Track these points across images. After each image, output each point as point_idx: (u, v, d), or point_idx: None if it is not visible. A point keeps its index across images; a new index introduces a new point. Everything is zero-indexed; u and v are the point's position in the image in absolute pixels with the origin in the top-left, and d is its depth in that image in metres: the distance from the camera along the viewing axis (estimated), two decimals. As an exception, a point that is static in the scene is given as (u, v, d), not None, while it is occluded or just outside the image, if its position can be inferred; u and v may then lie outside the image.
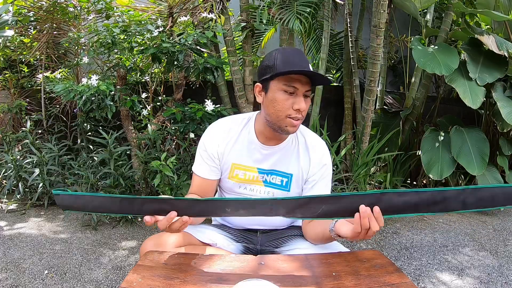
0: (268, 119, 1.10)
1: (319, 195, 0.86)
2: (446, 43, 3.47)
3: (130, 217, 2.63)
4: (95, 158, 2.93)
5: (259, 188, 1.17)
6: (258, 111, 1.20)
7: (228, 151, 1.17)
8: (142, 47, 2.62)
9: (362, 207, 0.80)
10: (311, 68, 1.04)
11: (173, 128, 2.85)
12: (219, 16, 2.92)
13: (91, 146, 3.23)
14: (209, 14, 2.75)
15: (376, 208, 0.80)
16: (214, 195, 1.27)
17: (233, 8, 3.42)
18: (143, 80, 3.33)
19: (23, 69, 3.68)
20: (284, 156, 1.17)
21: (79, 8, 3.09)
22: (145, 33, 2.58)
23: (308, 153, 1.17)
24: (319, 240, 1.08)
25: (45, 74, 3.38)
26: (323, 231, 1.01)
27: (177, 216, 0.86)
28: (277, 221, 1.23)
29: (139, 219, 2.72)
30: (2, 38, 3.07)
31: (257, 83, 1.11)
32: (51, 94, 3.24)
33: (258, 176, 1.16)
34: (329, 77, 4.73)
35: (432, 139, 3.37)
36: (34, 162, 2.89)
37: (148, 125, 2.91)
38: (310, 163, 1.16)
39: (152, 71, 3.23)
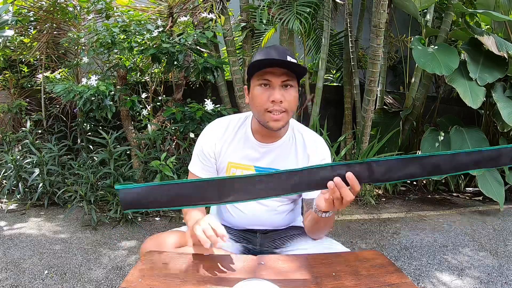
0: (256, 117, 1.12)
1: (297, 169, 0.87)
2: (446, 43, 3.47)
3: (130, 217, 2.63)
4: (95, 158, 2.93)
5: None
6: None
7: (225, 150, 1.17)
8: (142, 47, 2.62)
9: (330, 183, 0.83)
10: (289, 59, 1.01)
11: (173, 128, 2.85)
12: (219, 16, 2.92)
13: (91, 146, 3.23)
14: (209, 14, 2.76)
15: (349, 174, 0.81)
16: None
17: (233, 8, 3.42)
18: (143, 80, 3.33)
19: (23, 69, 3.67)
20: (282, 154, 1.16)
21: (79, 8, 3.09)
22: (145, 33, 2.58)
23: (306, 150, 1.17)
24: (315, 228, 1.09)
25: (45, 74, 3.38)
26: (312, 216, 1.03)
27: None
28: (277, 222, 1.23)
29: (139, 219, 2.72)
30: (2, 38, 3.07)
31: (245, 85, 1.14)
32: (51, 94, 3.24)
33: None
34: (330, 77, 4.73)
35: (432, 139, 3.37)
36: (34, 162, 2.89)
37: (148, 125, 2.91)
38: (308, 160, 1.16)
39: (152, 71, 3.23)
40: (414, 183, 3.93)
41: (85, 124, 3.30)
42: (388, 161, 0.83)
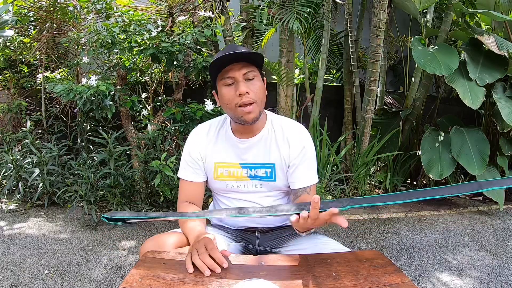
0: (230, 116, 1.15)
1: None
2: (446, 43, 3.47)
3: (130, 217, 2.63)
4: (95, 158, 2.93)
5: (246, 184, 1.18)
6: None
7: (210, 151, 1.19)
8: (142, 47, 2.62)
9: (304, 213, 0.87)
10: (242, 50, 1.06)
11: (173, 128, 2.85)
12: (219, 16, 2.92)
13: (91, 146, 3.23)
14: (208, 13, 2.76)
15: (316, 198, 0.85)
16: (203, 199, 1.29)
17: (233, 8, 3.42)
18: (143, 80, 3.33)
19: (23, 69, 3.68)
20: (264, 147, 1.18)
21: (79, 8, 3.09)
22: (144, 33, 2.58)
23: (286, 139, 1.18)
24: None
25: (45, 74, 3.38)
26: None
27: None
28: (272, 219, 1.24)
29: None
30: (2, 38, 3.07)
31: (213, 91, 1.16)
32: (51, 94, 3.24)
33: (242, 171, 1.17)
34: (330, 77, 4.73)
35: (432, 139, 3.37)
36: (34, 162, 2.89)
37: (148, 125, 2.91)
38: (289, 148, 1.17)
39: (152, 71, 3.22)
40: (414, 183, 3.93)
41: (85, 124, 3.30)
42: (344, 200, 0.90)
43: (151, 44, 2.56)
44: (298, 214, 0.89)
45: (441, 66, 3.00)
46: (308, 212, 0.87)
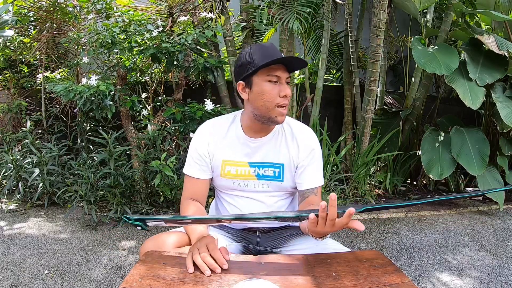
0: (257, 113, 1.12)
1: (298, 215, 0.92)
2: (446, 43, 3.47)
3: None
4: (95, 158, 2.93)
5: (252, 183, 1.18)
6: (242, 110, 1.23)
7: (218, 148, 1.19)
8: (142, 47, 2.62)
9: (322, 203, 0.84)
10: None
11: (173, 128, 2.85)
12: (219, 16, 2.92)
13: (91, 146, 3.23)
14: (208, 14, 2.76)
15: (332, 195, 0.82)
16: (208, 196, 1.29)
17: (233, 8, 3.42)
18: (143, 80, 3.33)
19: (23, 69, 3.67)
20: (273, 147, 1.18)
21: (79, 8, 3.09)
22: (145, 33, 2.58)
23: (296, 141, 1.19)
24: None
25: (45, 74, 3.38)
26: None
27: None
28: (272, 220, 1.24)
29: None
30: (2, 38, 3.07)
31: (239, 82, 1.13)
32: (51, 94, 3.24)
33: (249, 170, 1.17)
34: (330, 77, 4.73)
35: (432, 139, 3.37)
36: (34, 162, 2.89)
37: (148, 125, 2.91)
38: (299, 150, 1.18)
39: (152, 71, 3.22)
40: (414, 183, 3.93)
41: (85, 124, 3.30)
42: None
43: (151, 44, 2.56)
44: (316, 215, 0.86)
45: (441, 66, 3.00)
46: (327, 212, 0.84)
